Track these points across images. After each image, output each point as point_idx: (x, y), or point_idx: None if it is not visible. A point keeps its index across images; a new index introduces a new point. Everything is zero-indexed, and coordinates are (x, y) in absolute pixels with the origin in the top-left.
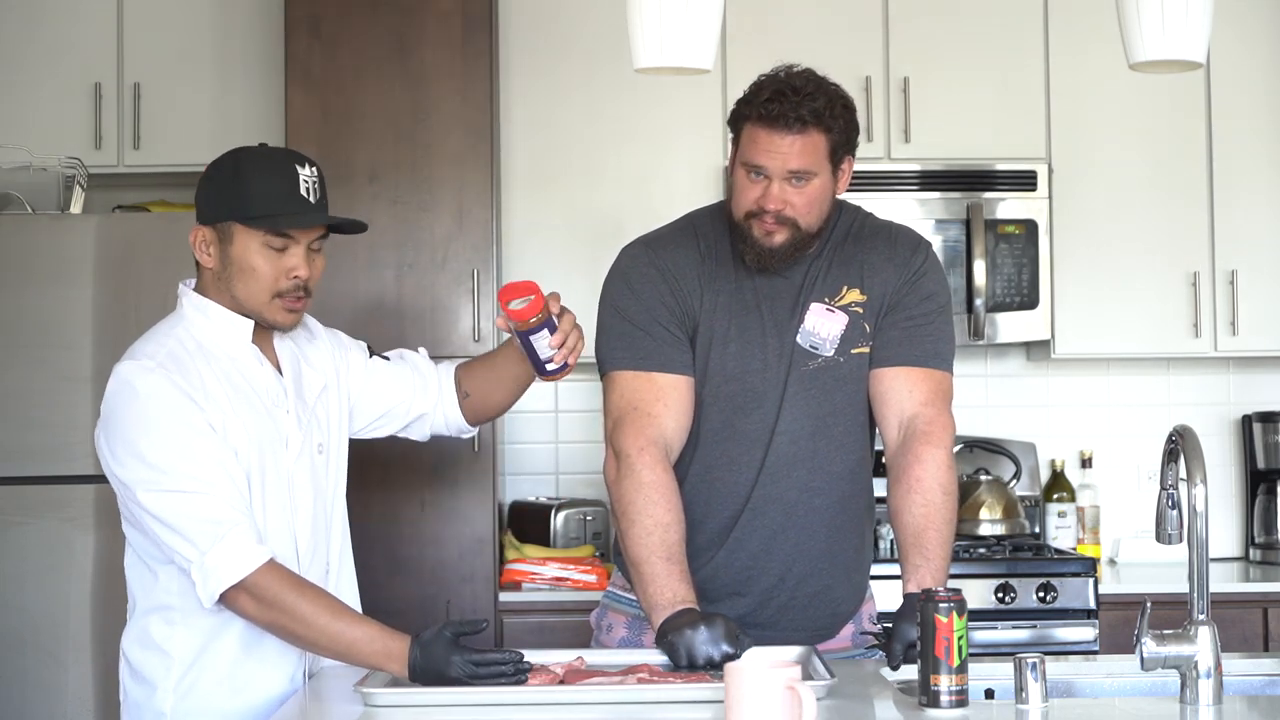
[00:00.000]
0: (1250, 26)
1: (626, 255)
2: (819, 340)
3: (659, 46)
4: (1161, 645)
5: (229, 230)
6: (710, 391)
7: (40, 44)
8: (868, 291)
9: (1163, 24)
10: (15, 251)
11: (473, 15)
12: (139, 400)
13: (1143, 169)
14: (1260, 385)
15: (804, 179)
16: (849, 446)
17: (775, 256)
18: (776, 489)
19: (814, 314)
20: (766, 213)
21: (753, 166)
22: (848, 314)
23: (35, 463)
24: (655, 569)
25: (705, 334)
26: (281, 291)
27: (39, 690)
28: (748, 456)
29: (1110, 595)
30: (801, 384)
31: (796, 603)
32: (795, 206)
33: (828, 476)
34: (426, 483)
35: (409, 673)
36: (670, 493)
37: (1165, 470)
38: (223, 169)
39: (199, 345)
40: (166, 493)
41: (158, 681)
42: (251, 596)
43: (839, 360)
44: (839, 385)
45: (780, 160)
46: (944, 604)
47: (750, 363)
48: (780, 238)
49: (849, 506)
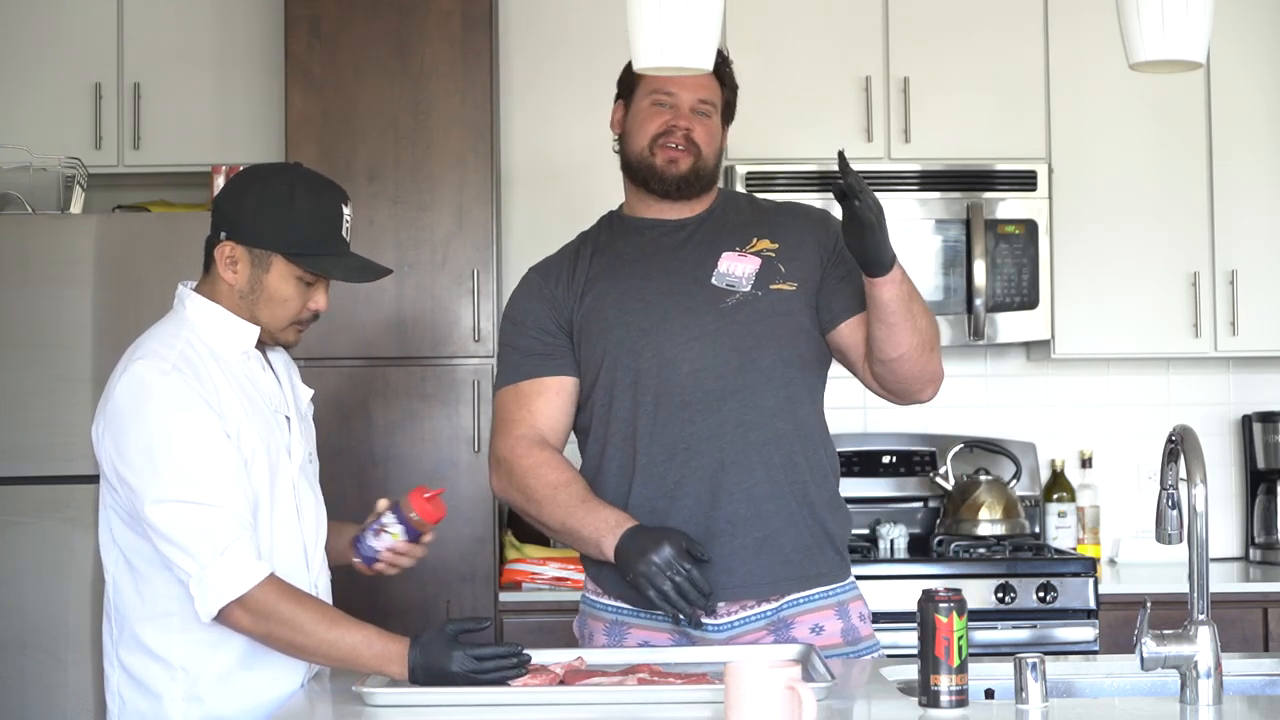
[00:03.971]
0: (1250, 26)
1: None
2: (735, 279)
3: (659, 46)
4: (1161, 645)
5: (267, 259)
6: (612, 342)
7: (40, 44)
8: (778, 240)
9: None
10: (15, 251)
11: (473, 15)
12: (155, 402)
13: (1143, 169)
14: (1260, 385)
15: (706, 112)
16: (778, 380)
17: (679, 183)
18: (708, 425)
19: (726, 259)
20: (676, 130)
21: (663, 93)
22: (760, 257)
23: (35, 463)
24: (578, 515)
25: (594, 303)
26: (301, 321)
27: (39, 690)
28: (675, 397)
29: (1110, 595)
30: (721, 319)
31: (746, 550)
32: (699, 133)
33: (760, 411)
34: (426, 483)
35: (409, 674)
36: (555, 460)
37: (1165, 470)
38: (275, 194)
39: (207, 348)
40: (174, 503)
41: (163, 691)
42: (248, 612)
43: (757, 294)
44: (760, 319)
45: (691, 89)
46: (944, 604)
47: (653, 311)
48: (684, 164)
49: (785, 444)
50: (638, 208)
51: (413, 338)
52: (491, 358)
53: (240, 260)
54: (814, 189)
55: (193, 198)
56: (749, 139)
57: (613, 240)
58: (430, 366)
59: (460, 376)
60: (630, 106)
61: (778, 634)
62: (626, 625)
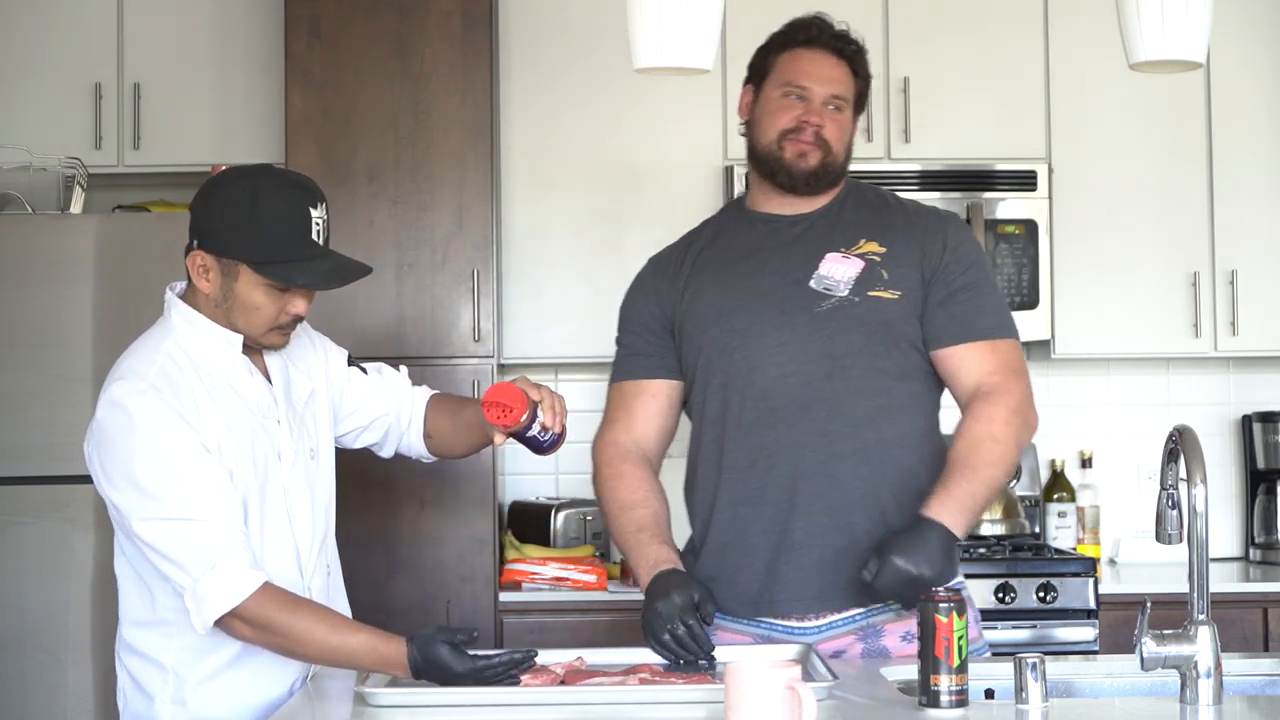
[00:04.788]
0: (1250, 26)
1: None
2: (833, 283)
3: (659, 46)
4: (1161, 645)
5: (234, 267)
6: (706, 341)
7: (40, 44)
8: (886, 245)
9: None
10: (15, 251)
11: (473, 15)
12: (132, 424)
13: (1143, 169)
14: (1260, 385)
15: (839, 107)
16: (868, 391)
17: (807, 178)
18: (791, 433)
19: (829, 261)
20: (807, 127)
21: (796, 87)
22: (864, 260)
23: (35, 463)
24: (629, 544)
25: (694, 300)
26: (280, 325)
27: (39, 690)
28: (760, 402)
29: (1110, 595)
30: (814, 324)
31: (825, 561)
32: (830, 130)
33: (847, 421)
34: (426, 483)
35: (412, 672)
36: (632, 478)
37: (1165, 470)
38: (237, 201)
39: (190, 360)
40: (160, 520)
41: (155, 692)
42: (245, 622)
43: (853, 300)
44: (854, 326)
45: (825, 83)
46: (944, 604)
47: (746, 311)
48: (814, 159)
49: (875, 456)
50: (758, 199)
51: (413, 338)
52: (491, 358)
53: (211, 269)
54: None
55: (192, 198)
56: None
57: (725, 233)
58: (430, 366)
59: (460, 376)
60: (760, 94)
61: (867, 641)
62: (713, 626)
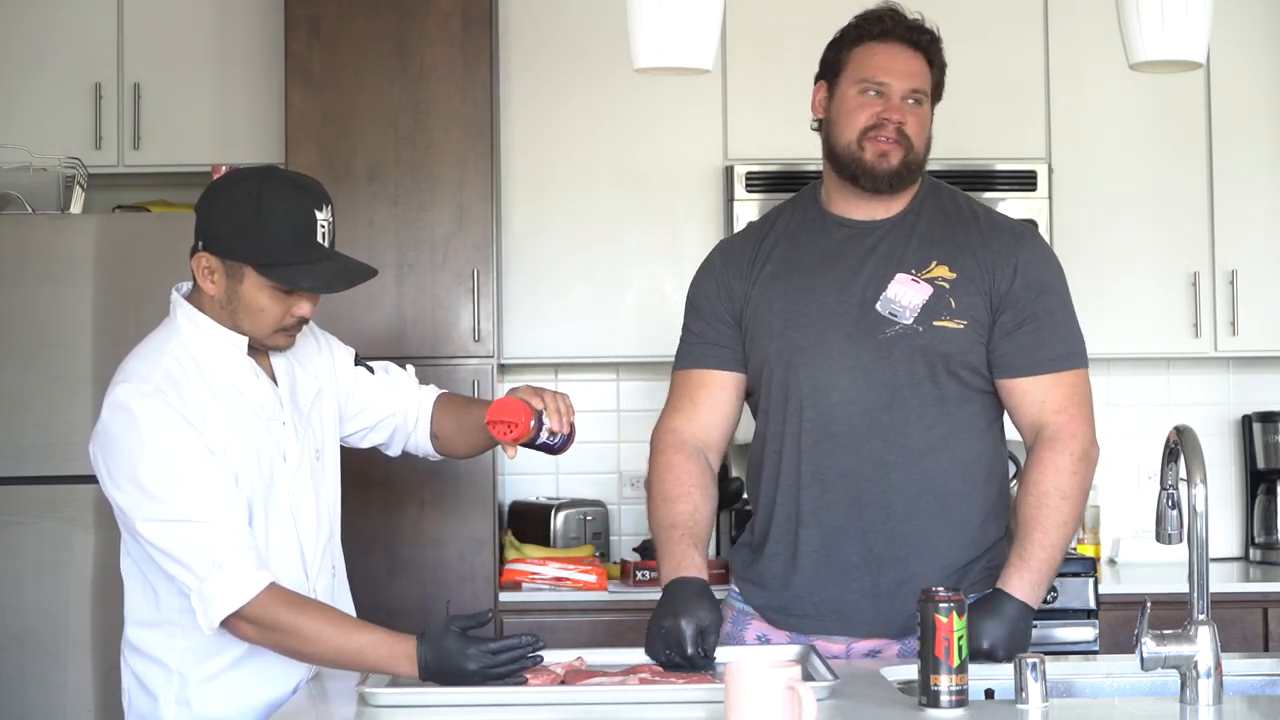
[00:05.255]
0: (1250, 26)
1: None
2: (899, 309)
3: (659, 46)
4: (1161, 645)
5: (239, 270)
6: (772, 352)
7: (40, 44)
8: (957, 270)
9: (1163, 24)
10: (15, 251)
11: (473, 15)
12: (136, 426)
13: (1143, 169)
14: (1260, 385)
15: (919, 101)
16: (929, 419)
17: (890, 178)
18: (847, 460)
19: (898, 283)
20: (888, 124)
21: (874, 84)
22: (933, 286)
23: (35, 463)
24: (660, 539)
25: (763, 302)
26: (285, 327)
27: (39, 690)
28: (821, 425)
29: (1110, 595)
30: (877, 351)
31: (880, 589)
32: (911, 125)
33: (905, 453)
34: (426, 483)
35: (420, 672)
36: (680, 471)
37: (1165, 470)
38: (242, 204)
39: (195, 361)
40: (165, 522)
41: (160, 693)
42: (251, 623)
43: (917, 329)
44: (917, 356)
45: (904, 77)
46: (944, 604)
47: (814, 328)
48: (896, 158)
49: (936, 486)
50: (835, 200)
51: (413, 338)
52: (491, 358)
53: (216, 271)
54: None
55: (193, 198)
56: (749, 139)
57: (798, 231)
58: (430, 366)
59: (460, 376)
60: (835, 91)
61: (904, 643)
62: (750, 617)
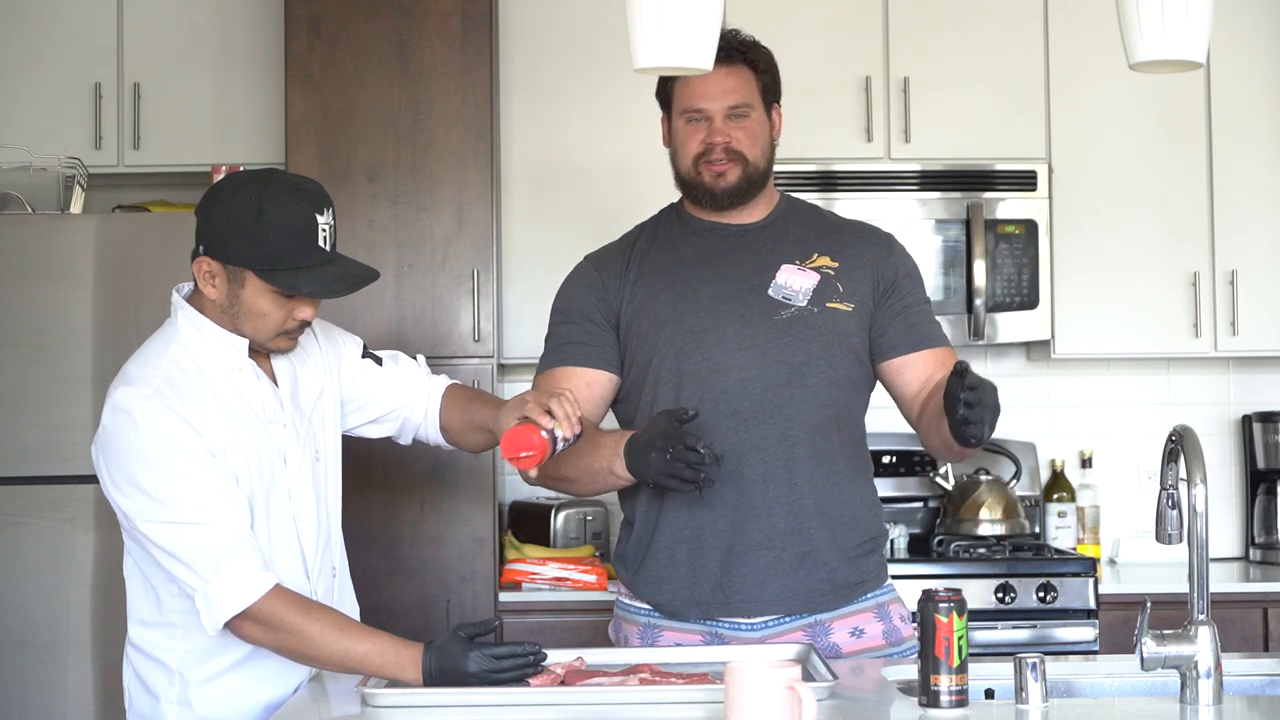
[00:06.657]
0: (1250, 26)
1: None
2: (791, 293)
3: (659, 46)
4: (1161, 645)
5: (241, 275)
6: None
7: (40, 44)
8: (839, 260)
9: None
10: (15, 251)
11: (473, 15)
12: (137, 429)
13: (1143, 169)
14: (1260, 385)
15: (743, 114)
16: (823, 400)
17: (731, 195)
18: (752, 436)
19: (785, 272)
20: (714, 147)
21: (693, 112)
22: (819, 274)
23: (35, 463)
24: (588, 456)
25: (647, 299)
26: (287, 331)
27: (39, 690)
28: (720, 404)
29: (1110, 595)
30: (773, 331)
31: (784, 564)
32: (739, 140)
33: (805, 428)
34: (426, 483)
35: (425, 680)
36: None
37: (1165, 470)
38: (243, 209)
39: (195, 364)
40: (168, 524)
41: (161, 693)
42: (256, 623)
43: (813, 310)
44: (814, 336)
45: (720, 97)
46: (944, 604)
47: (706, 313)
48: (732, 176)
49: (829, 463)
50: (697, 210)
51: (413, 338)
52: (491, 358)
53: (218, 275)
54: (814, 189)
55: (193, 198)
56: None
57: (671, 237)
58: (430, 366)
59: (460, 376)
60: (671, 123)
61: (817, 637)
62: (659, 628)
